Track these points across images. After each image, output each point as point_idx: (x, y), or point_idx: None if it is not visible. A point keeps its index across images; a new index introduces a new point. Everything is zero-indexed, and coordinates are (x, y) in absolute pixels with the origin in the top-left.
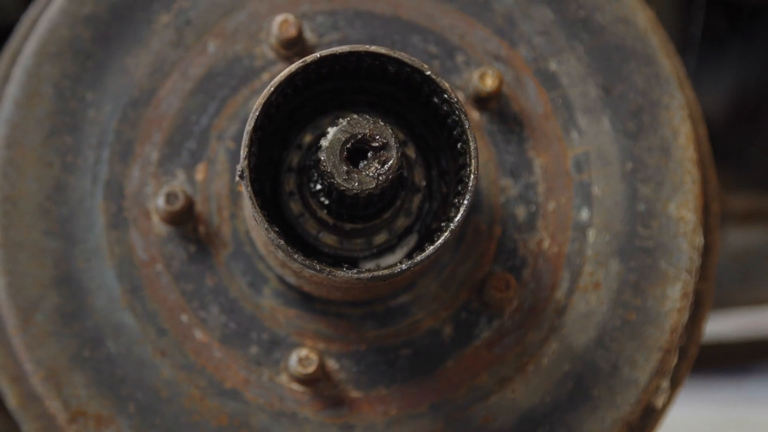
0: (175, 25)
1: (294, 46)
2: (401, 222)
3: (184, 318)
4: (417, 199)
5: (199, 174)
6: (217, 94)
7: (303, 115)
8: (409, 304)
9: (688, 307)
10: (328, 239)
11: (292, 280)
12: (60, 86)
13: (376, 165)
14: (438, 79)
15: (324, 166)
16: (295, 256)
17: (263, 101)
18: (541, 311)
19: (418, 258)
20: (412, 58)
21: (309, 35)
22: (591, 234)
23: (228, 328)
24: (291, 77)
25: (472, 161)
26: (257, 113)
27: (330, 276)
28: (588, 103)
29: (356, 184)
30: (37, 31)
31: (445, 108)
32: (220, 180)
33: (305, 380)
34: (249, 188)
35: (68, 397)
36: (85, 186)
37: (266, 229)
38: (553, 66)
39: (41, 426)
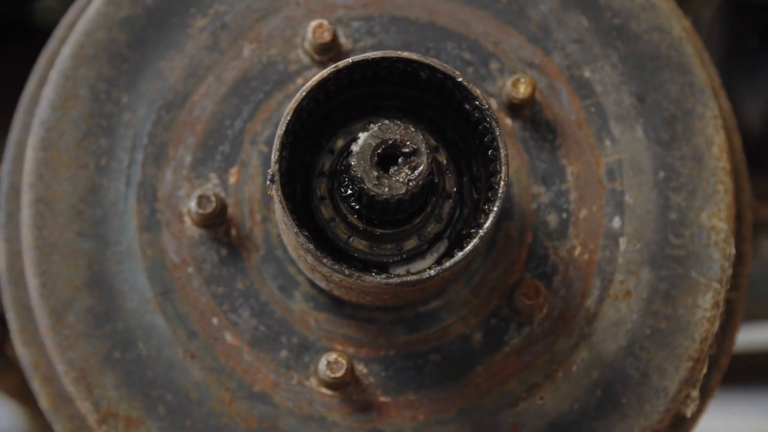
0: (210, 29)
1: (328, 51)
2: (431, 228)
3: (215, 321)
4: (448, 206)
5: (232, 177)
6: (251, 98)
7: (335, 119)
8: (439, 310)
9: (719, 316)
10: (359, 244)
11: (322, 284)
12: (96, 89)
13: (407, 171)
14: (470, 86)
15: (354, 171)
16: (324, 260)
17: (295, 106)
18: (571, 318)
19: (447, 264)
20: (444, 65)
21: (344, 40)
22: (622, 242)
23: (258, 331)
24: (323, 82)
25: (503, 168)
26: (288, 118)
27: (359, 281)
28: (621, 111)
29: (386, 189)
30: (74, 34)
31: (477, 115)
32: (253, 183)
33: (334, 384)
34: (279, 192)
35: (99, 398)
36: (119, 188)
37: (296, 233)
38: (587, 74)
39: (73, 427)
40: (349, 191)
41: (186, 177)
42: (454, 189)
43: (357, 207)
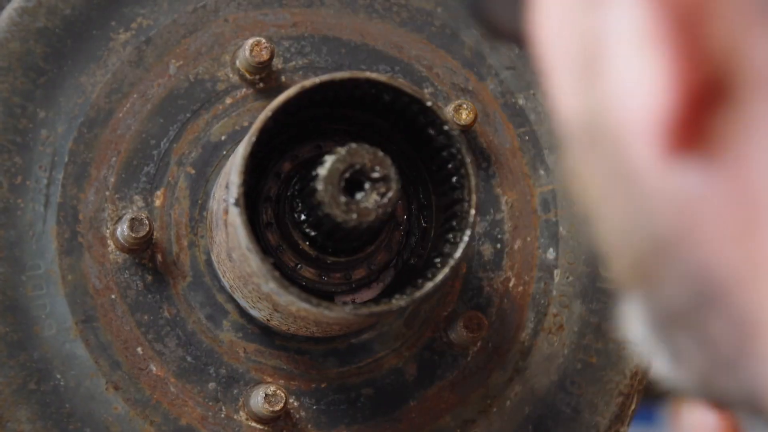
0: (134, 43)
1: (262, 71)
2: (381, 257)
3: (140, 350)
4: (398, 234)
5: (158, 200)
6: (177, 118)
7: (279, 142)
8: (371, 342)
9: None
10: (307, 272)
11: (260, 313)
12: (9, 103)
13: (376, 197)
14: (439, 112)
15: (321, 197)
16: (290, 289)
17: (260, 126)
18: (505, 352)
19: (417, 294)
20: (414, 88)
21: (275, 60)
22: (557, 274)
23: (185, 362)
24: (287, 102)
25: (473, 196)
26: (254, 139)
27: (325, 311)
28: (554, 141)
29: (354, 216)
30: None
31: (442, 140)
32: (180, 207)
33: (266, 418)
34: (243, 217)
35: (12, 431)
36: (37, 209)
37: (261, 260)
38: (520, 101)
39: None
40: (303, 217)
41: (110, 198)
42: (404, 217)
43: (312, 234)
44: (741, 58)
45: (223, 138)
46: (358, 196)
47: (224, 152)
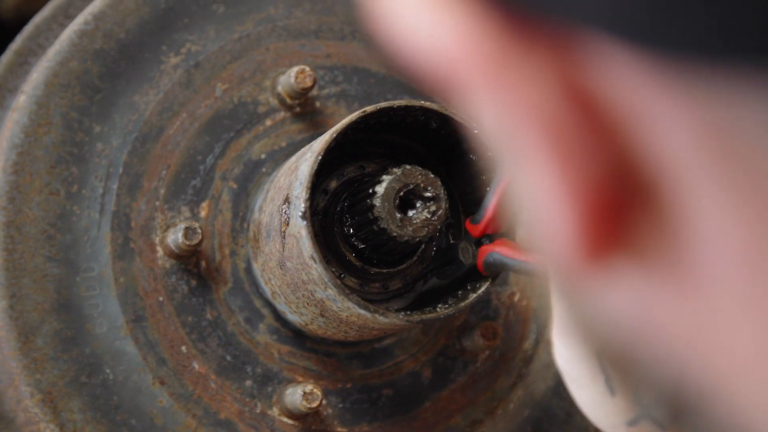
0: (184, 67)
1: (301, 96)
2: (416, 269)
3: (184, 349)
4: (430, 249)
5: (203, 211)
6: (222, 136)
7: (326, 162)
8: (392, 347)
9: None
10: (350, 282)
11: (297, 318)
12: (68, 117)
13: (426, 215)
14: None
15: (378, 213)
16: (351, 296)
17: (325, 146)
18: (510, 359)
19: (462, 304)
20: (464, 117)
21: None
22: None
23: (225, 360)
24: (351, 125)
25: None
26: (320, 157)
27: (380, 318)
28: None
29: (409, 230)
30: (46, 61)
31: (483, 165)
32: (222, 218)
33: (298, 415)
34: (310, 229)
35: (64, 420)
36: (92, 216)
37: (325, 269)
38: None
39: None
40: (352, 230)
41: (159, 208)
42: (437, 234)
43: (360, 246)
44: (650, 146)
45: (263, 156)
46: (411, 213)
47: (263, 169)
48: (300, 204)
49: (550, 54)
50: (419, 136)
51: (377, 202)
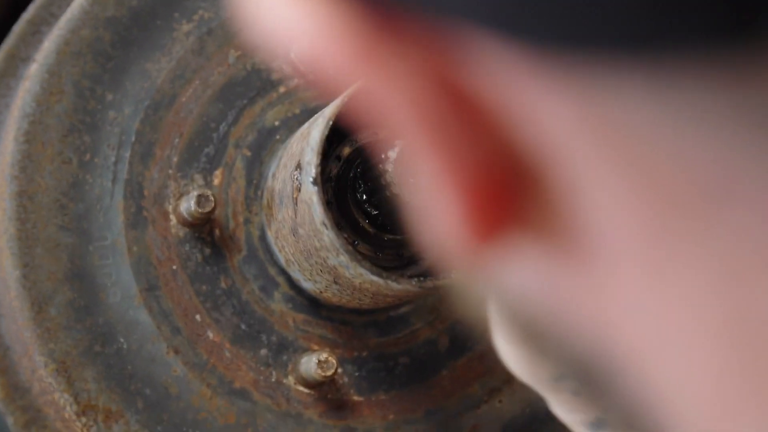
0: (197, 34)
1: None
2: None
3: (198, 318)
4: None
5: (216, 179)
6: (235, 104)
7: (339, 128)
8: (408, 315)
9: None
10: (363, 248)
11: (311, 285)
12: (80, 85)
13: None
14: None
15: (391, 177)
16: (363, 263)
17: (336, 110)
18: None
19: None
20: None
21: None
22: None
23: (239, 329)
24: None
25: None
26: (330, 122)
27: (392, 284)
28: None
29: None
30: (57, 29)
31: None
32: (236, 186)
33: (314, 383)
34: (321, 195)
35: (79, 390)
36: (104, 184)
37: (336, 235)
38: None
39: (27, 418)
40: (365, 196)
41: (172, 176)
42: None
43: (373, 213)
44: (531, 134)
45: (276, 123)
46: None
47: (277, 137)
48: (311, 170)
49: (420, 47)
50: None
51: (390, 166)
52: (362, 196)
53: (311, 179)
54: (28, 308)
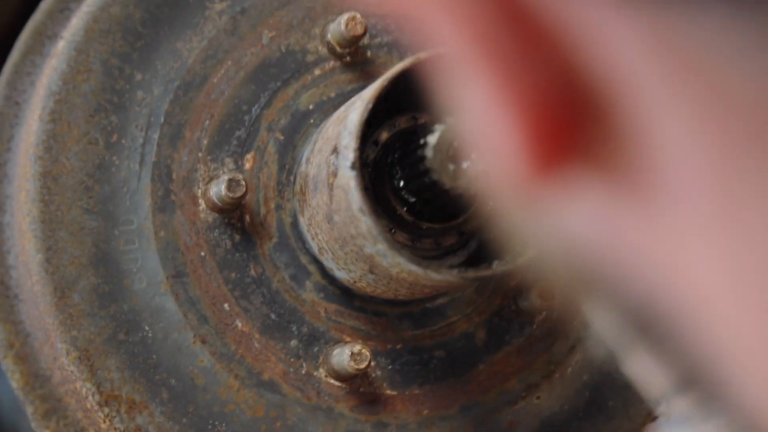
0: (230, 13)
1: (352, 45)
2: (471, 225)
3: (227, 306)
4: (486, 205)
5: (248, 163)
6: (268, 86)
7: (377, 112)
8: (445, 307)
9: None
10: (400, 237)
11: (345, 274)
12: (108, 64)
13: (481, 166)
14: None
15: (430, 164)
16: (402, 252)
17: (376, 93)
18: (568, 322)
19: (520, 260)
20: None
21: None
22: None
23: (269, 319)
24: (404, 71)
25: None
26: (370, 105)
27: (432, 274)
28: None
29: (463, 183)
30: (86, 6)
31: None
32: (268, 171)
33: (346, 376)
34: (359, 180)
35: (102, 379)
36: (132, 167)
37: (375, 222)
38: None
39: (47, 407)
40: (402, 183)
41: (202, 159)
42: None
43: (411, 200)
44: (599, 59)
45: (310, 107)
46: (465, 164)
47: (311, 120)
48: (349, 154)
49: None
50: None
51: (429, 153)
52: (399, 183)
53: (349, 164)
54: (51, 293)
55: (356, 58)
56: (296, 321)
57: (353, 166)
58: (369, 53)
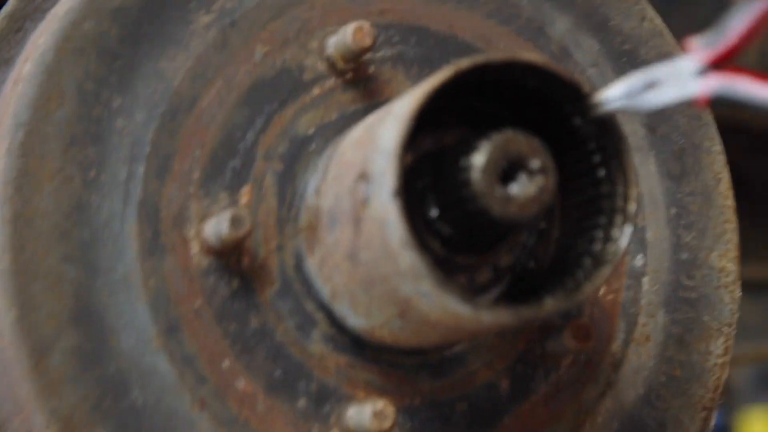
0: (218, 26)
1: (356, 59)
2: (506, 259)
3: (226, 363)
4: (522, 235)
5: (244, 197)
6: (264, 109)
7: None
8: (464, 354)
9: (728, 363)
10: None
11: (362, 321)
12: (83, 89)
13: (533, 190)
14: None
15: (477, 188)
16: (453, 289)
17: (418, 106)
18: (597, 364)
19: (579, 296)
20: (572, 75)
21: None
22: (645, 282)
23: (274, 376)
24: (444, 84)
25: (632, 188)
26: (411, 124)
27: (483, 315)
28: (637, 141)
29: (513, 209)
30: (55, 22)
31: (591, 131)
32: (267, 206)
33: None
34: (402, 210)
35: None
36: (114, 206)
37: (421, 257)
38: None
39: None
40: (438, 212)
41: (194, 195)
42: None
43: (445, 231)
44: None
45: (311, 131)
46: (515, 188)
47: (312, 146)
48: (386, 180)
49: None
50: (511, 101)
51: (476, 175)
52: (434, 212)
53: (389, 191)
54: (26, 356)
55: (359, 74)
56: (304, 377)
57: (396, 193)
58: (372, 69)
